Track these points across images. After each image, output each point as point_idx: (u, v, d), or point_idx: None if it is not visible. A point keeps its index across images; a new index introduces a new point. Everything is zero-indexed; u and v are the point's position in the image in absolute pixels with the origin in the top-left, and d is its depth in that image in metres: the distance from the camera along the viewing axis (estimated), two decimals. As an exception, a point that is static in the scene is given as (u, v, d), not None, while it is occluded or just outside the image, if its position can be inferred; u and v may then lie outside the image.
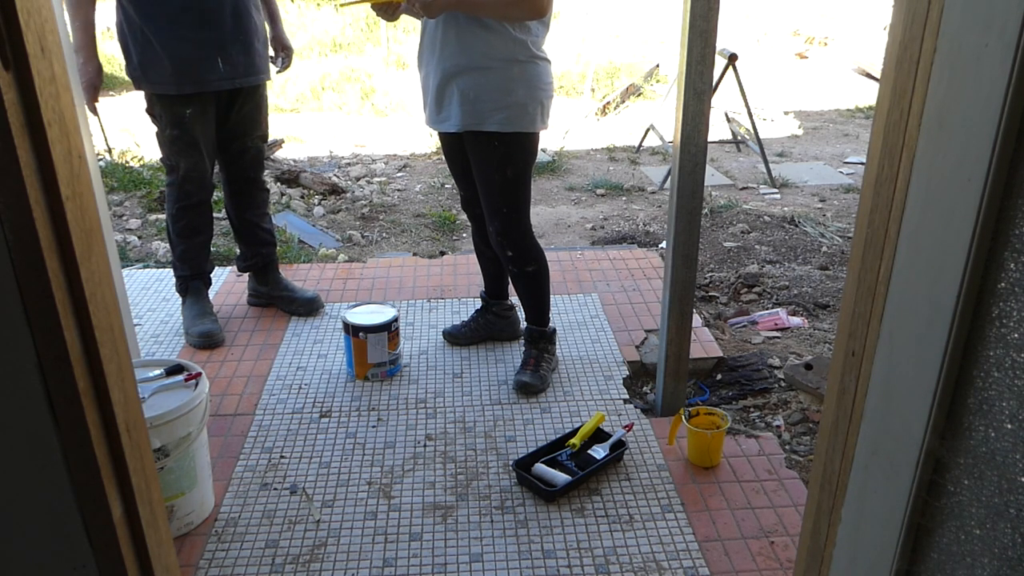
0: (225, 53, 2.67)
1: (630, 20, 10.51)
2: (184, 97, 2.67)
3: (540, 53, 2.37)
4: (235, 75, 2.72)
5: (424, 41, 2.42)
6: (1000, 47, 0.74)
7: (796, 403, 2.67)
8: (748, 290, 3.64)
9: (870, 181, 0.97)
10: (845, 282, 1.05)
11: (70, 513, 0.95)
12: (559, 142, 6.44)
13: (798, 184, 5.51)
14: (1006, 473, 0.80)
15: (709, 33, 2.10)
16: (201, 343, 2.92)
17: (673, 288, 2.41)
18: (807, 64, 9.71)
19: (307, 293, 3.22)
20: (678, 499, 2.19)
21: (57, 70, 0.85)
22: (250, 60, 2.75)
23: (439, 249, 4.31)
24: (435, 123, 2.48)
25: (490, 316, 2.97)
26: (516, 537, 2.05)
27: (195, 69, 2.63)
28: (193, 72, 2.64)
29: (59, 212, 0.85)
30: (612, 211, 4.98)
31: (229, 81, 2.71)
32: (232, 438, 2.45)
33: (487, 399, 2.64)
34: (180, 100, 2.67)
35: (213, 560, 1.99)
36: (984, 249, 0.79)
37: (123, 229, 4.51)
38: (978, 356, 0.82)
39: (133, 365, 1.04)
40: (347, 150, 6.29)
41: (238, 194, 3.05)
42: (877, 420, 0.98)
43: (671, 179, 2.33)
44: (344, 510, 2.15)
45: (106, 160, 5.49)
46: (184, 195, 2.85)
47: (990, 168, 0.76)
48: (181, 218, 2.90)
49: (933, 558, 0.93)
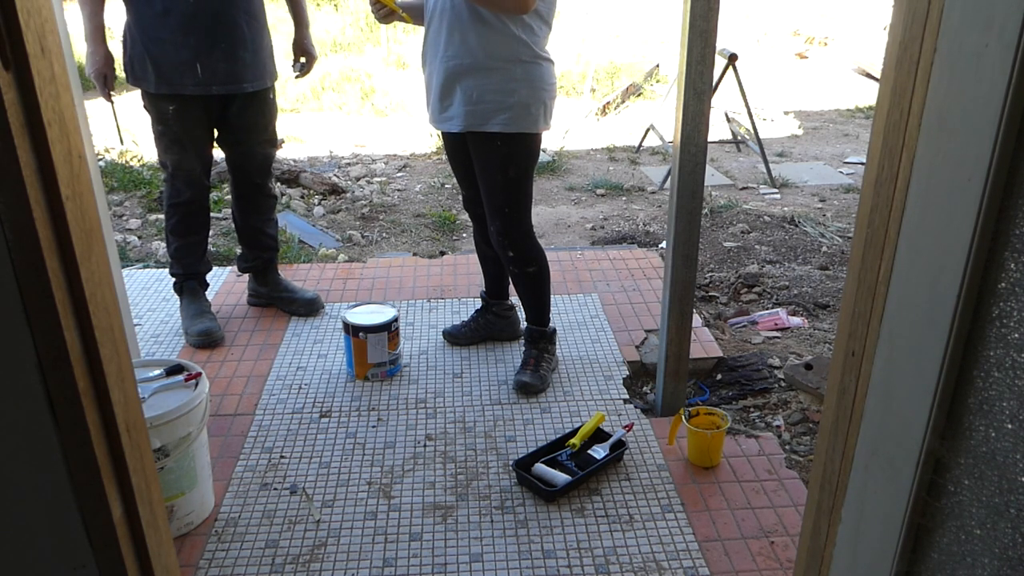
0: (204, 60, 2.65)
1: (630, 20, 10.51)
2: (164, 95, 2.70)
3: (543, 53, 2.37)
4: (213, 82, 2.69)
5: (427, 41, 2.42)
6: (1000, 47, 0.74)
7: (796, 403, 2.67)
8: (748, 290, 3.64)
9: (870, 181, 0.97)
10: (845, 282, 1.05)
11: (70, 513, 0.95)
12: (559, 142, 6.44)
13: (798, 184, 5.51)
14: (1006, 473, 0.80)
15: (709, 33, 2.10)
16: (200, 342, 2.92)
17: (673, 288, 2.41)
18: (807, 64, 9.70)
19: (307, 293, 3.22)
20: (678, 499, 2.19)
21: (57, 70, 0.85)
22: (233, 68, 2.71)
23: (439, 249, 4.31)
24: (438, 123, 2.48)
25: (490, 316, 2.97)
26: (516, 537, 2.05)
27: (172, 71, 2.66)
28: (170, 74, 2.66)
29: (59, 212, 0.85)
30: (612, 211, 4.98)
31: (204, 87, 2.69)
32: (232, 438, 2.45)
33: (487, 399, 2.64)
34: (161, 97, 2.71)
35: (213, 560, 1.99)
36: (984, 249, 0.79)
37: (123, 229, 4.51)
38: (978, 356, 0.82)
39: (133, 365, 1.04)
40: (347, 150, 6.28)
41: (243, 198, 3.04)
42: (877, 420, 0.98)
43: (671, 179, 2.33)
44: (344, 510, 2.15)
45: (106, 159, 5.50)
46: (175, 192, 2.88)
47: (990, 168, 0.76)
48: (173, 215, 2.93)
49: (933, 558, 0.93)
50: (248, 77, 2.77)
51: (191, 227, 2.97)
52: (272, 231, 3.14)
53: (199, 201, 2.93)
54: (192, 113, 2.75)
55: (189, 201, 2.90)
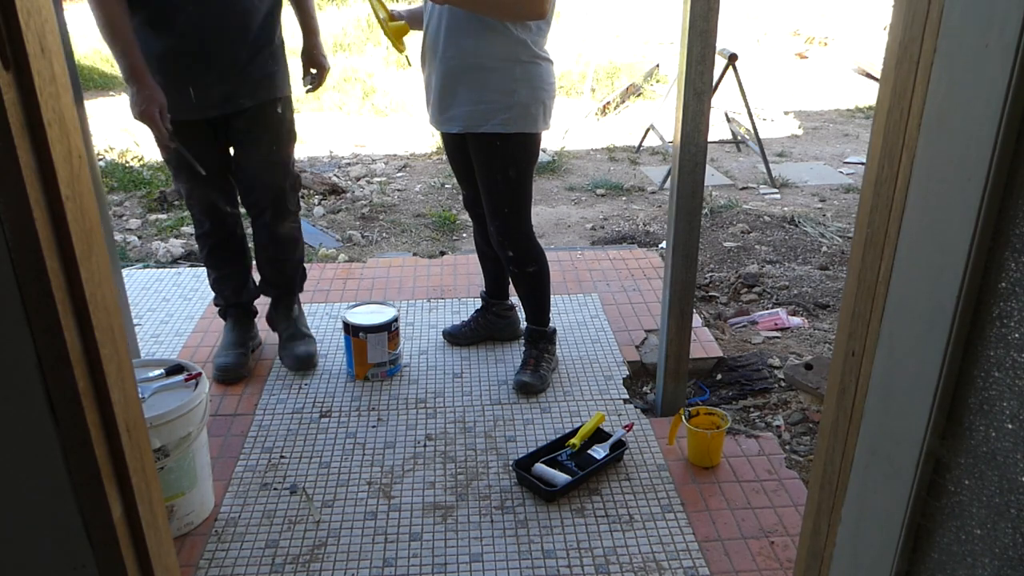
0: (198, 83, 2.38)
1: (630, 20, 10.51)
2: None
3: (542, 53, 2.37)
4: (207, 104, 2.42)
5: (426, 41, 2.42)
6: (1000, 47, 0.74)
7: (796, 403, 2.67)
8: (748, 290, 3.64)
9: (870, 181, 0.97)
10: (845, 282, 1.05)
11: (70, 513, 0.95)
12: (559, 142, 6.44)
13: (798, 184, 5.51)
14: (1007, 473, 0.80)
15: (709, 33, 2.10)
16: (217, 376, 2.73)
17: (673, 288, 2.41)
18: (807, 64, 9.71)
19: (298, 348, 2.81)
20: (678, 499, 2.19)
21: (57, 70, 0.85)
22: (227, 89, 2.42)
23: (439, 249, 4.31)
24: (438, 123, 2.48)
25: (490, 316, 2.97)
26: (516, 537, 2.05)
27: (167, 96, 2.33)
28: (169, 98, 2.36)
29: (59, 212, 0.85)
30: (612, 211, 4.98)
31: (201, 111, 2.43)
32: (232, 438, 2.45)
33: (487, 399, 2.64)
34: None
35: (213, 560, 1.98)
36: (984, 249, 0.79)
37: (123, 229, 4.51)
38: (978, 356, 0.82)
39: (133, 365, 1.04)
40: (347, 150, 6.29)
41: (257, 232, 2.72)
42: (877, 420, 0.98)
43: (671, 179, 2.33)
44: (344, 510, 2.15)
45: (106, 160, 5.50)
46: (197, 222, 2.70)
47: (990, 168, 0.76)
48: (202, 246, 2.74)
49: (933, 558, 0.93)
50: (243, 93, 2.46)
51: (223, 259, 2.75)
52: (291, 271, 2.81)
53: (225, 231, 2.70)
54: (196, 138, 2.47)
55: (211, 232, 2.68)
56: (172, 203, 4.83)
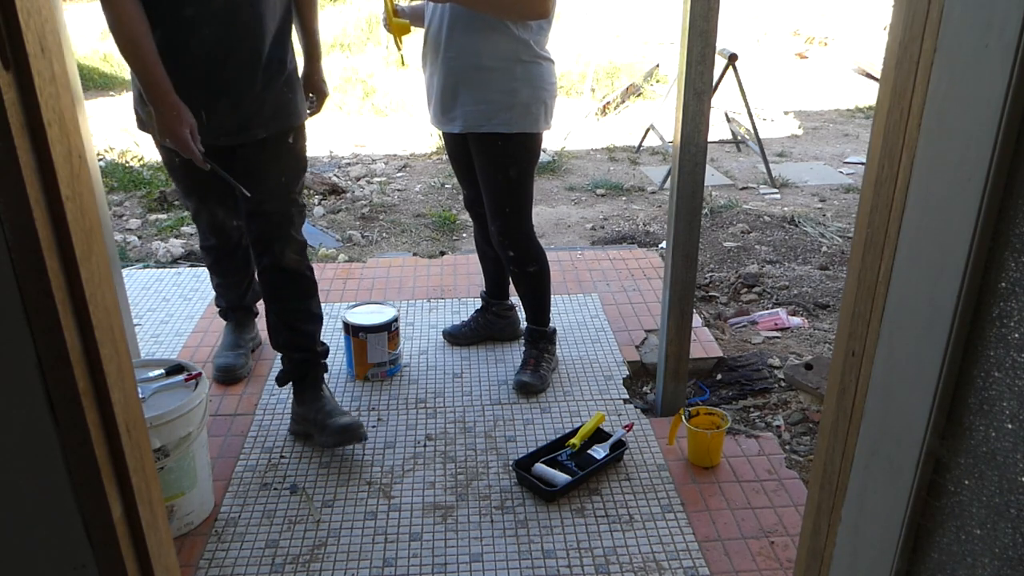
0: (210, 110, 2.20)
1: (630, 20, 10.51)
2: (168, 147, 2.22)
3: (543, 53, 2.37)
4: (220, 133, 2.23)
5: (428, 41, 2.42)
6: (1000, 47, 0.74)
7: (796, 403, 2.67)
8: (748, 290, 3.64)
9: (870, 181, 0.97)
10: (845, 282, 1.05)
11: (70, 513, 0.95)
12: (559, 142, 6.44)
13: (798, 184, 5.51)
14: (1007, 473, 0.80)
15: (709, 33, 2.10)
16: (217, 377, 2.73)
17: (673, 288, 2.41)
18: (807, 64, 9.70)
19: (340, 420, 2.37)
20: (678, 499, 2.19)
21: (57, 70, 0.85)
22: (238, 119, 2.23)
23: (439, 249, 4.31)
24: (440, 123, 2.48)
25: (490, 316, 2.97)
26: (516, 537, 2.05)
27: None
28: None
29: (59, 212, 0.85)
30: (612, 211, 4.98)
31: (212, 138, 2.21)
32: (232, 438, 2.45)
33: (487, 399, 2.64)
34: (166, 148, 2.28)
35: (213, 560, 1.98)
36: (984, 249, 0.79)
37: (123, 229, 4.51)
38: (978, 356, 0.82)
39: (133, 365, 1.04)
40: (347, 150, 6.28)
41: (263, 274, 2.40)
42: (877, 420, 0.98)
43: (671, 179, 2.33)
44: (344, 510, 2.15)
45: (106, 160, 5.50)
46: (202, 235, 2.70)
47: (990, 168, 0.76)
48: (207, 256, 2.76)
49: (933, 558, 0.93)
50: (258, 123, 2.26)
51: (227, 270, 2.76)
52: (307, 326, 2.43)
53: (231, 244, 2.67)
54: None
55: (216, 247, 2.68)
56: (172, 203, 4.83)
